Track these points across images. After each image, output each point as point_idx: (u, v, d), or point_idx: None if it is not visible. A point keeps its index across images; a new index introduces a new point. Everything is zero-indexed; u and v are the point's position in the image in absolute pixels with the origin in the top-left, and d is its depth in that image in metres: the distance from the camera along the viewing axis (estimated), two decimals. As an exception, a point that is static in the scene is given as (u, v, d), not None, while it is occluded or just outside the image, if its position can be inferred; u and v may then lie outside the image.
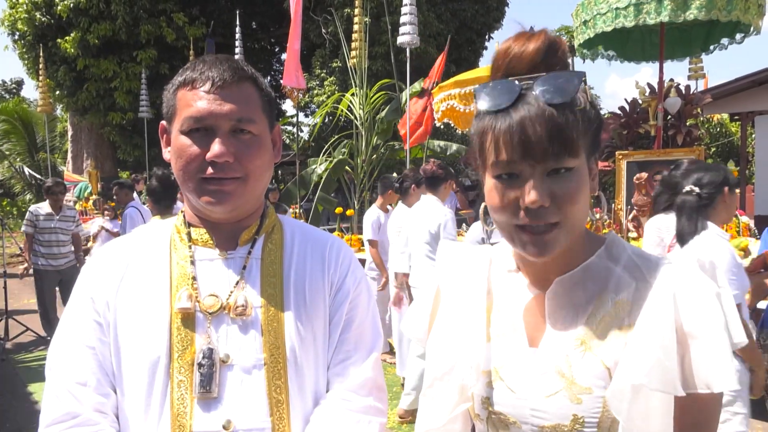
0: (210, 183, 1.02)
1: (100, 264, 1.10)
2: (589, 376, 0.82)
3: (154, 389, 1.00)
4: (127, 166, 18.60)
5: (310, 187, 10.44)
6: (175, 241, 1.11)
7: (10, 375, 5.42)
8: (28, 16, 14.95)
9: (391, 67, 10.46)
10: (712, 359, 0.77)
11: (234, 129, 1.03)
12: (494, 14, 16.74)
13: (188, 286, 1.04)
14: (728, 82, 10.36)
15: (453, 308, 0.98)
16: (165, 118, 1.10)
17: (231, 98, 1.02)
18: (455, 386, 0.93)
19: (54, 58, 15.16)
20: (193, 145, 1.02)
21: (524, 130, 0.78)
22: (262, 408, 1.01)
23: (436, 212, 4.21)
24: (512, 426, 0.88)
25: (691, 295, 0.79)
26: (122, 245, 1.14)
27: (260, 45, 19.91)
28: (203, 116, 1.01)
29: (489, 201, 0.85)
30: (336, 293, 1.14)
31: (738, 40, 5.74)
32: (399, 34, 6.78)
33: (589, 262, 0.88)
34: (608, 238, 0.92)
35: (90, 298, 1.06)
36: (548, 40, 0.82)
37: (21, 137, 20.64)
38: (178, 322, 1.02)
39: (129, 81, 15.27)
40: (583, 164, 0.82)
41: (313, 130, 14.22)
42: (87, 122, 16.55)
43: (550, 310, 0.89)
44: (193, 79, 1.03)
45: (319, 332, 1.10)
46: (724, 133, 17.62)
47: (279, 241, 1.15)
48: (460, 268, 1.02)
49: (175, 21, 15.03)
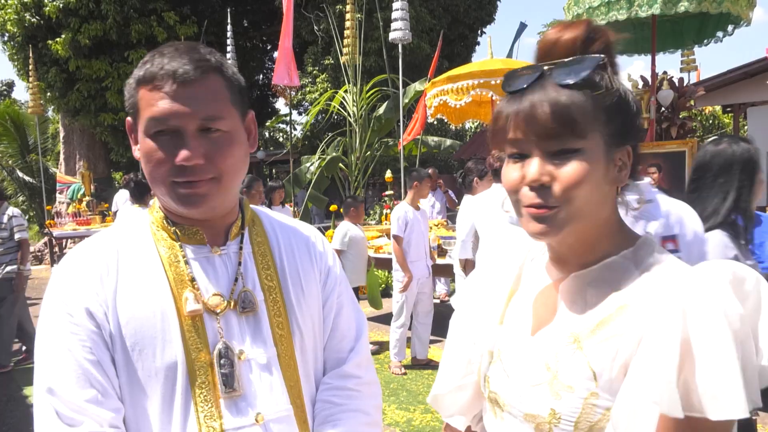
0: (181, 186, 0.98)
1: (85, 271, 1.01)
2: (573, 374, 0.82)
3: (175, 396, 0.98)
4: (120, 166, 18.52)
5: (303, 185, 10.42)
6: (158, 240, 1.06)
7: (5, 379, 5.38)
8: (18, 17, 14.81)
9: (384, 63, 10.43)
10: (712, 383, 0.69)
11: (202, 128, 0.97)
12: (487, 9, 16.71)
13: (190, 288, 1.02)
14: (720, 74, 10.38)
15: (482, 287, 1.02)
16: (129, 115, 1.03)
17: (196, 94, 0.95)
18: (464, 359, 1.01)
19: (44, 59, 15.05)
20: (158, 150, 0.96)
21: (532, 109, 0.80)
22: (282, 397, 1.05)
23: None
24: (504, 407, 0.91)
25: (700, 312, 0.71)
26: (102, 249, 1.05)
27: (252, 43, 19.82)
28: (166, 117, 0.95)
29: (502, 180, 0.88)
30: (326, 280, 1.18)
31: (729, 32, 5.75)
32: (391, 30, 6.76)
33: (610, 261, 0.86)
34: (641, 239, 0.89)
35: (84, 309, 0.98)
36: (588, 30, 0.84)
37: (12, 139, 20.48)
38: (188, 325, 1.00)
39: (121, 81, 15.15)
40: (594, 149, 0.81)
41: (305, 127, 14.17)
42: (79, 123, 16.43)
43: (561, 302, 0.89)
44: (153, 76, 0.96)
45: (316, 318, 1.14)
46: (716, 124, 17.68)
47: (263, 233, 1.15)
48: (501, 249, 1.05)
49: (165, 20, 14.93)
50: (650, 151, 5.81)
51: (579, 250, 0.87)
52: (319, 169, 10.08)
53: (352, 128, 10.43)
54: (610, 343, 0.80)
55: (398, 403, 4.49)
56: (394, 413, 4.30)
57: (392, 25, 6.79)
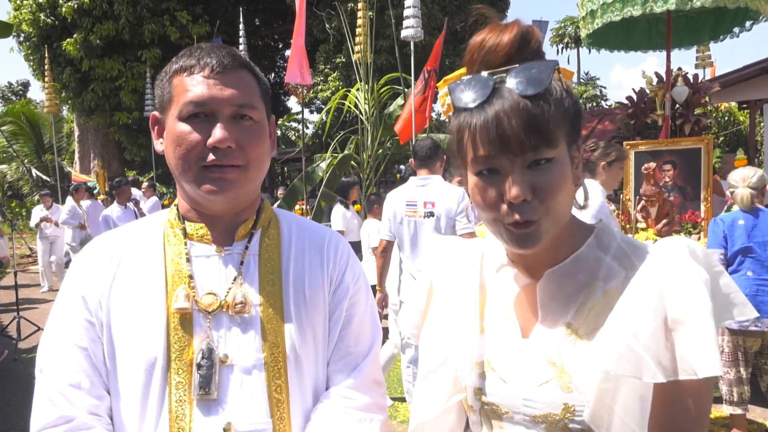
0: (211, 171, 0.98)
1: (90, 260, 1.05)
2: (579, 364, 0.82)
3: (150, 391, 0.97)
4: (134, 165, 18.67)
5: (315, 183, 10.44)
6: (168, 235, 1.07)
7: (23, 375, 5.45)
8: (33, 17, 14.98)
9: (395, 61, 10.42)
10: (698, 346, 0.75)
11: (235, 115, 0.99)
12: (498, 5, 16.64)
13: (185, 285, 1.01)
14: (736, 70, 10.26)
15: (446, 302, 0.99)
16: (157, 108, 1.06)
17: (231, 83, 0.99)
18: (449, 378, 0.94)
19: (59, 60, 15.21)
20: (193, 132, 0.98)
21: (500, 124, 0.78)
22: (262, 408, 0.99)
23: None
24: (504, 416, 0.89)
25: (678, 282, 0.78)
26: (113, 240, 1.08)
27: (264, 42, 19.90)
28: (204, 101, 0.97)
29: (472, 198, 0.85)
30: (336, 289, 1.12)
31: (747, 28, 5.67)
32: (403, 28, 6.75)
33: (579, 253, 0.88)
34: (597, 227, 0.92)
35: (81, 296, 1.02)
36: (521, 31, 0.82)
37: (28, 139, 20.76)
38: (175, 322, 0.99)
39: (134, 80, 15.30)
40: (563, 154, 0.82)
41: (317, 126, 14.21)
42: (93, 123, 16.61)
43: (541, 301, 0.89)
44: (190, 65, 1.00)
45: (319, 329, 1.09)
46: (732, 121, 17.47)
47: (276, 236, 1.12)
48: (452, 262, 1.03)
49: (178, 19, 15.04)
50: (665, 148, 5.75)
51: (550, 250, 0.88)
52: (331, 167, 10.10)
53: (364, 126, 10.44)
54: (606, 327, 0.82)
55: (411, 401, 4.49)
56: (407, 411, 4.30)
57: (404, 22, 6.77)
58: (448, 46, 13.35)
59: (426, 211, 3.67)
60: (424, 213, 3.68)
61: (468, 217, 3.63)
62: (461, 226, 3.62)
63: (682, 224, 5.22)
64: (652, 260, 0.83)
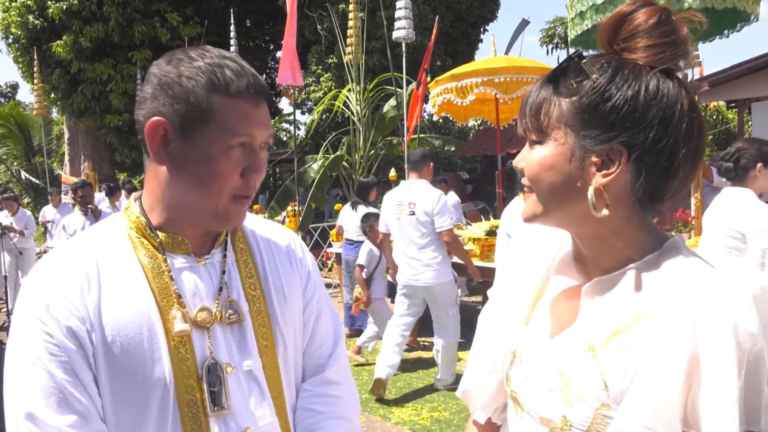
0: (239, 201, 0.98)
1: (65, 284, 0.94)
2: (585, 383, 0.80)
3: (160, 415, 0.95)
4: (125, 167, 18.57)
5: (308, 185, 10.43)
6: (137, 246, 1.00)
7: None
8: (21, 19, 14.87)
9: (387, 62, 10.42)
10: (710, 403, 0.70)
11: (264, 145, 1.00)
12: (489, 6, 16.67)
13: (177, 305, 0.98)
14: (724, 69, 10.33)
15: (512, 285, 1.03)
16: (178, 115, 0.94)
17: (267, 112, 0.98)
18: (489, 358, 1.02)
19: (48, 61, 15.09)
20: (234, 161, 0.95)
21: (524, 102, 0.88)
22: (268, 408, 1.04)
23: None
24: (524, 407, 0.91)
25: (710, 328, 0.71)
26: (80, 257, 0.98)
27: (255, 43, 19.85)
28: (255, 134, 0.96)
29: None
30: (306, 285, 1.17)
31: (737, 29, 5.71)
32: (395, 29, 6.76)
33: (633, 266, 0.83)
34: (668, 243, 0.84)
35: (66, 328, 0.91)
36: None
37: (17, 141, 20.57)
38: (176, 343, 0.97)
39: (124, 82, 15.20)
40: (560, 144, 0.82)
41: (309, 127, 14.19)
42: (83, 125, 16.49)
43: (583, 307, 0.87)
44: (237, 89, 0.94)
45: (297, 325, 1.13)
46: (721, 120, 17.61)
47: (244, 239, 1.12)
48: (531, 249, 1.06)
49: (169, 21, 14.96)
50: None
51: (605, 255, 0.86)
52: (322, 168, 10.08)
53: (356, 127, 10.44)
54: (623, 354, 0.78)
55: (405, 403, 4.50)
56: (401, 412, 4.31)
57: (396, 23, 6.79)
58: (439, 46, 13.37)
59: (409, 210, 4.49)
60: (408, 211, 4.50)
61: (451, 217, 4.67)
62: (438, 224, 4.40)
63: (673, 223, 5.25)
64: (694, 297, 0.75)
